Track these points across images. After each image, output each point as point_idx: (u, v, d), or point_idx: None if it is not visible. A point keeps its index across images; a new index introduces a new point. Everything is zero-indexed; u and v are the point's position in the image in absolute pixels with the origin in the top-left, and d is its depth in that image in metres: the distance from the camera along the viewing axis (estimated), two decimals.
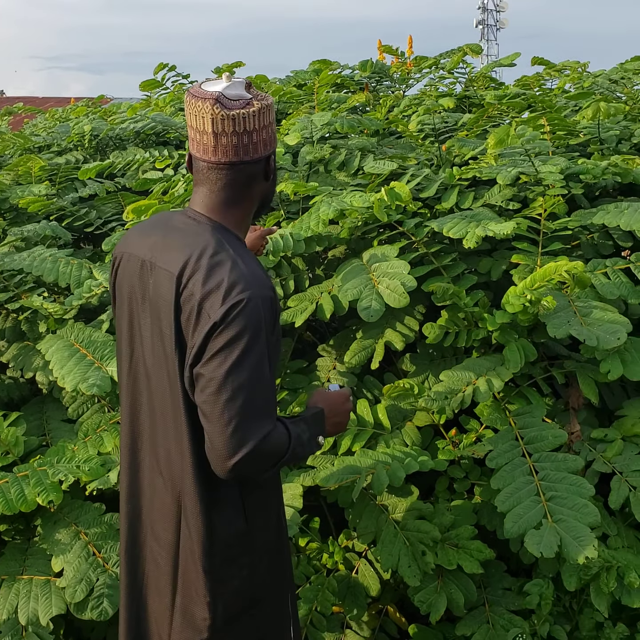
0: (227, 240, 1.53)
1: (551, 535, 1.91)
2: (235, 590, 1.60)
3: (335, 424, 1.71)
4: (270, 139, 1.57)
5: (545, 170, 2.53)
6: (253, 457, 1.44)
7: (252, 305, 1.45)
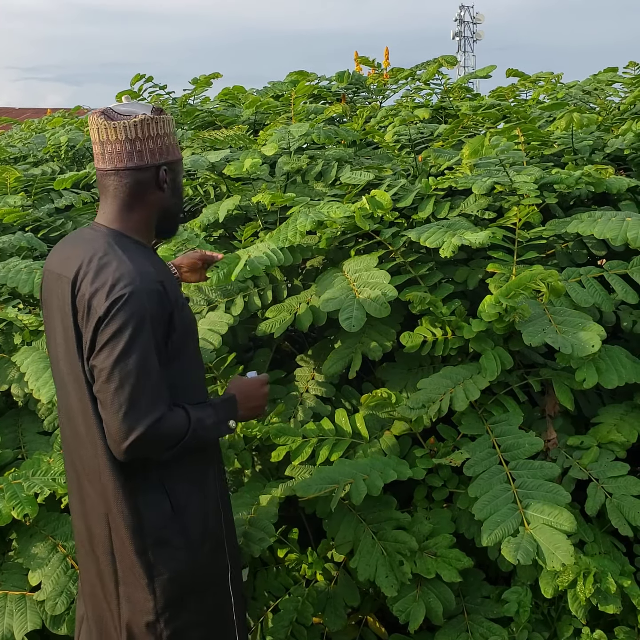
0: (119, 244, 1.67)
1: (528, 542, 1.92)
2: (174, 572, 1.67)
3: (251, 408, 1.84)
4: (159, 150, 1.70)
5: (519, 180, 2.55)
6: (145, 439, 1.56)
7: (134, 298, 1.57)
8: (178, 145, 1.78)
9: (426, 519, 2.25)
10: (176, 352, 1.68)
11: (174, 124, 1.76)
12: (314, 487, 2.15)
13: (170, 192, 1.75)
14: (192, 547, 1.68)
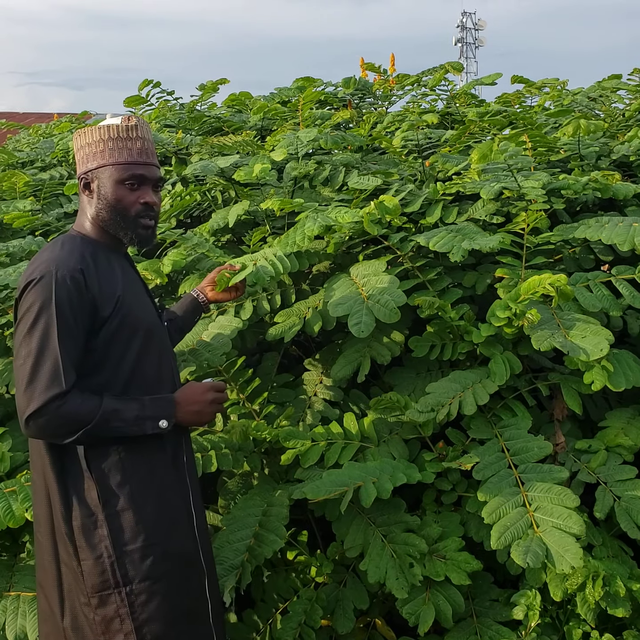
0: (65, 241, 1.79)
1: (537, 545, 1.93)
2: (97, 563, 1.71)
3: (193, 412, 1.84)
4: (82, 160, 1.84)
5: (527, 185, 2.57)
6: (40, 416, 1.63)
7: (44, 281, 1.67)
8: (114, 150, 1.81)
9: (435, 522, 2.26)
10: (110, 347, 1.74)
11: (112, 130, 1.81)
12: (324, 489, 2.16)
13: (96, 199, 1.82)
14: (117, 540, 1.72)
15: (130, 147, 1.82)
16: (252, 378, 2.65)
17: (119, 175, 1.81)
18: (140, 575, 1.73)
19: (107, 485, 1.73)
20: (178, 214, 3.30)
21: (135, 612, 1.73)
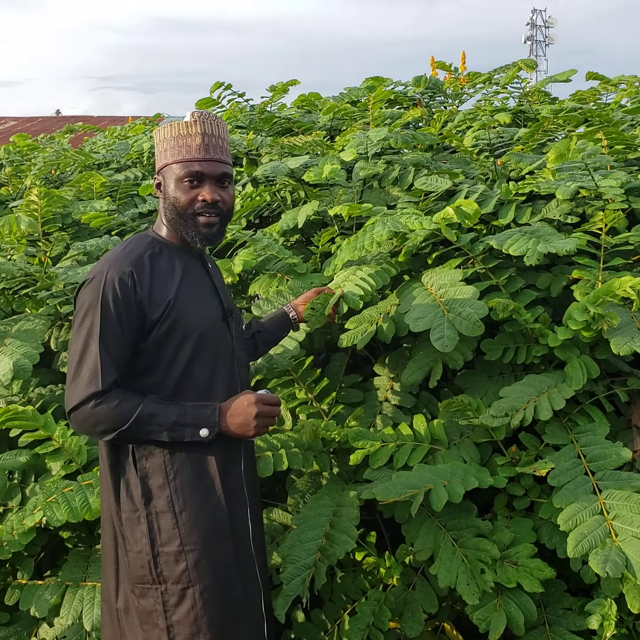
0: (132, 241, 1.83)
1: (616, 555, 1.87)
2: (138, 557, 1.76)
3: (238, 424, 1.79)
4: (155, 160, 1.88)
5: (605, 184, 2.50)
6: (78, 413, 1.68)
7: (94, 282, 1.71)
8: (174, 149, 1.81)
9: (507, 527, 2.22)
10: (160, 350, 1.76)
11: (181, 127, 1.81)
12: (394, 491, 2.14)
13: (163, 199, 1.85)
14: (154, 540, 1.76)
15: (189, 143, 1.80)
16: (320, 378, 2.66)
17: (178, 173, 1.80)
18: (173, 578, 1.76)
19: (149, 486, 1.76)
20: (248, 215, 3.33)
21: (168, 612, 1.76)
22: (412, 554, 2.28)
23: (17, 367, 2.39)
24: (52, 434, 2.35)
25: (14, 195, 3.89)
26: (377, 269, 2.45)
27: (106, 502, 1.84)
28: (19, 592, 2.28)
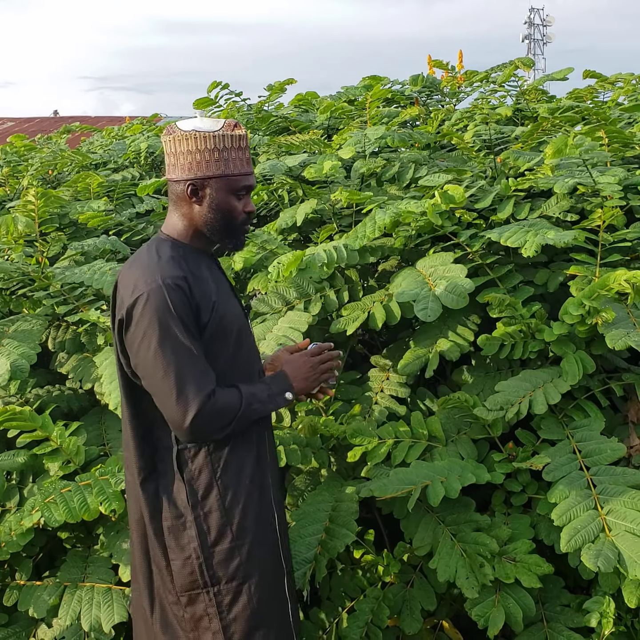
0: (162, 249, 1.78)
1: (609, 549, 1.87)
2: (186, 563, 1.74)
3: (302, 380, 1.89)
4: (190, 166, 1.78)
5: (603, 181, 2.50)
6: (202, 416, 1.66)
7: (155, 294, 1.67)
8: (228, 161, 1.79)
9: (505, 524, 2.22)
10: (210, 349, 1.76)
11: (229, 139, 1.78)
12: (392, 488, 2.15)
13: (207, 207, 1.80)
14: (204, 541, 1.74)
15: (241, 157, 1.81)
16: None
17: (233, 186, 1.80)
18: (227, 576, 1.75)
19: (196, 487, 1.75)
20: None
21: (222, 612, 1.75)
22: (411, 551, 2.27)
23: (14, 367, 2.39)
24: (50, 435, 2.35)
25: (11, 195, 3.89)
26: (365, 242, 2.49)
27: (137, 515, 1.81)
28: (17, 592, 2.27)
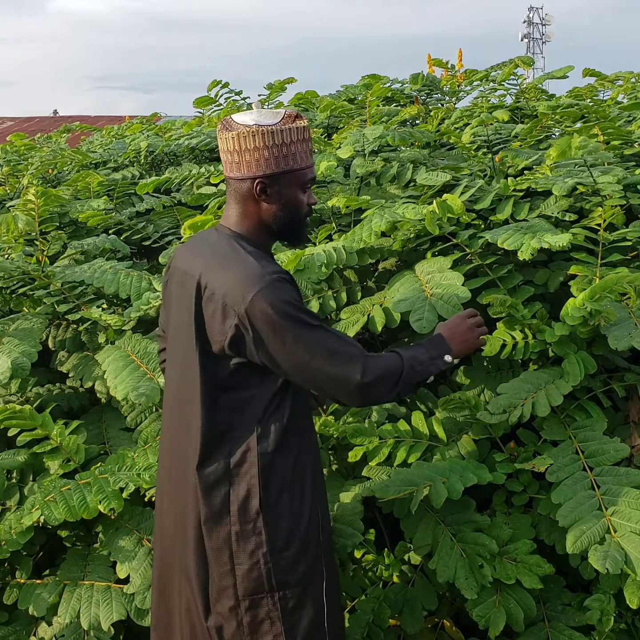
0: (241, 245, 1.73)
1: (615, 550, 1.87)
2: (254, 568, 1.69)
3: (460, 343, 1.88)
4: (257, 163, 1.71)
5: (603, 180, 2.50)
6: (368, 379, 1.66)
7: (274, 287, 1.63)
8: (295, 155, 1.73)
9: (505, 524, 2.22)
10: None
11: (295, 132, 1.71)
12: (393, 488, 2.15)
13: (276, 204, 1.75)
14: (273, 547, 1.70)
15: (306, 149, 1.76)
16: None
17: (301, 180, 1.76)
18: (294, 581, 1.72)
19: (269, 491, 1.70)
20: None
21: (286, 616, 1.72)
22: (411, 550, 2.28)
23: (15, 365, 2.39)
24: (50, 433, 2.35)
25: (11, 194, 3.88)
26: (362, 246, 2.50)
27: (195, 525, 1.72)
28: (17, 591, 2.27)
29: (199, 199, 3.25)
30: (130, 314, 2.61)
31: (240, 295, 1.63)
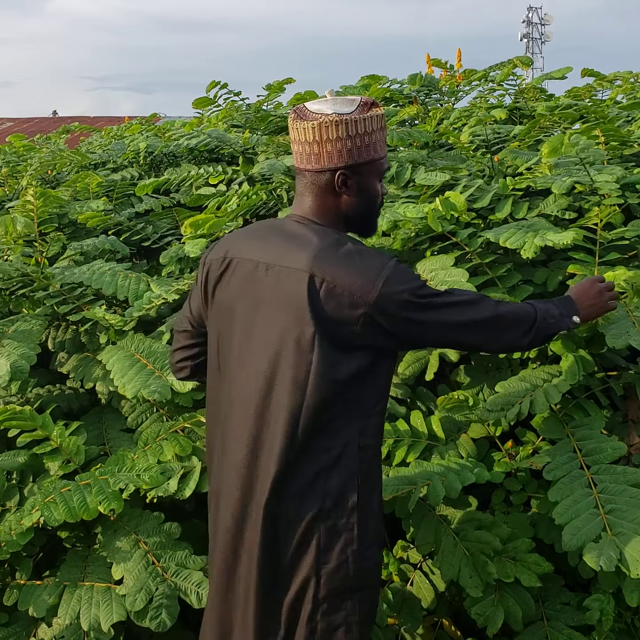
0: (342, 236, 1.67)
1: (611, 548, 1.87)
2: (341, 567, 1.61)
3: (588, 306, 1.92)
4: (338, 154, 1.63)
5: (601, 179, 2.50)
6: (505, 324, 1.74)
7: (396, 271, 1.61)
8: (375, 144, 1.67)
9: (504, 522, 2.23)
10: None
11: (375, 120, 1.65)
12: (391, 487, 2.15)
13: (356, 196, 1.69)
14: (360, 546, 1.63)
15: (383, 138, 1.70)
16: None
17: (379, 170, 1.71)
18: (372, 582, 1.67)
19: (366, 487, 1.64)
20: (245, 213, 3.33)
21: (361, 622, 1.65)
22: (410, 549, 2.28)
23: (14, 368, 2.39)
24: (50, 434, 2.35)
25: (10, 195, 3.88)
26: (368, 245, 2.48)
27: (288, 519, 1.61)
28: (17, 592, 2.27)
29: (198, 199, 3.26)
30: (131, 313, 2.61)
31: (370, 284, 1.57)
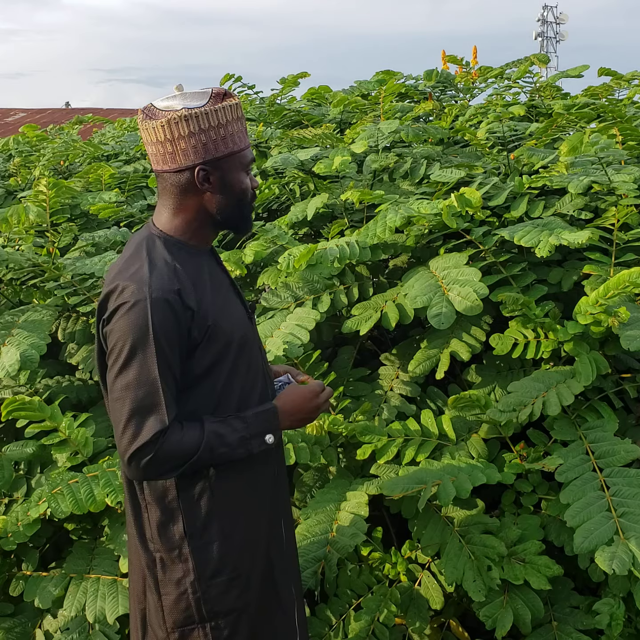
0: (152, 246, 1.58)
1: (623, 552, 1.85)
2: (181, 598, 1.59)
3: (299, 420, 1.71)
4: (195, 150, 1.54)
5: (618, 179, 2.47)
6: (144, 454, 1.48)
7: (138, 307, 1.48)
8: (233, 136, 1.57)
9: (514, 524, 2.20)
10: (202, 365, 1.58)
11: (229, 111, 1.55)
12: (401, 486, 2.13)
13: (220, 192, 1.59)
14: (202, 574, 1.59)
15: (241, 128, 1.60)
16: (327, 372, 2.64)
17: (242, 162, 1.61)
18: (226, 609, 1.61)
19: (195, 516, 1.58)
20: (257, 207, 3.32)
21: None
22: (418, 549, 2.26)
23: (24, 357, 2.38)
24: (59, 425, 2.34)
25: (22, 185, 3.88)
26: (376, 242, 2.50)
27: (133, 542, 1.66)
28: (23, 583, 2.27)
29: None
30: None
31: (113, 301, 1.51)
